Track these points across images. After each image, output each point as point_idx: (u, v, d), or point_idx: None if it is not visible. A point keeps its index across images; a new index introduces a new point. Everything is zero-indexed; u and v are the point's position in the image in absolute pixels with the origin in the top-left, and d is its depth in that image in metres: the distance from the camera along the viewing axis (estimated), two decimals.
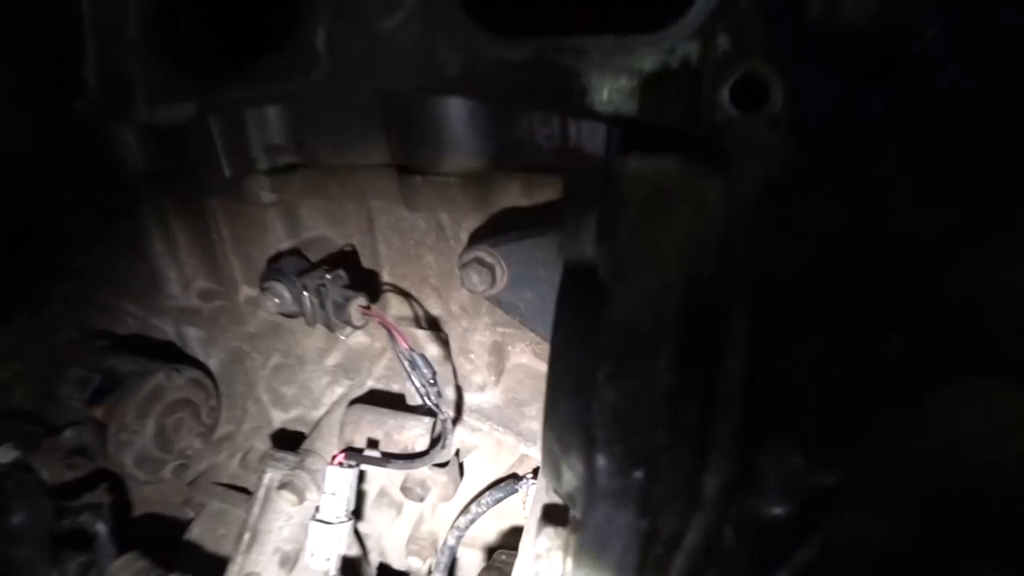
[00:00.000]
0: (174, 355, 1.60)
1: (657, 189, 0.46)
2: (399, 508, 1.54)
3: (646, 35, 0.74)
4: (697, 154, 0.53)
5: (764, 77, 0.70)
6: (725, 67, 0.71)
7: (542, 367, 1.42)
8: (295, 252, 1.30)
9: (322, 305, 1.19)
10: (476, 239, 1.08)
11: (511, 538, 1.43)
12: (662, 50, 0.73)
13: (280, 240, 1.36)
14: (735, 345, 0.41)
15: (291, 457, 1.40)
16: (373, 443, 1.36)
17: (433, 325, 1.37)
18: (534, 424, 1.35)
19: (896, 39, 0.65)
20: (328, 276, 1.18)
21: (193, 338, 1.63)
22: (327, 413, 1.51)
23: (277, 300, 1.21)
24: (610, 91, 0.75)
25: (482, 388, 1.39)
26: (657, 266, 0.43)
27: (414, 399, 1.45)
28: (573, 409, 0.50)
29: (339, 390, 1.56)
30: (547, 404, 0.53)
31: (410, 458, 1.29)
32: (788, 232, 0.48)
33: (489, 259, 1.03)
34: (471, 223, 1.17)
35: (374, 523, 1.52)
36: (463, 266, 1.03)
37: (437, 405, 1.16)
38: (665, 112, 0.75)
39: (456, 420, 1.35)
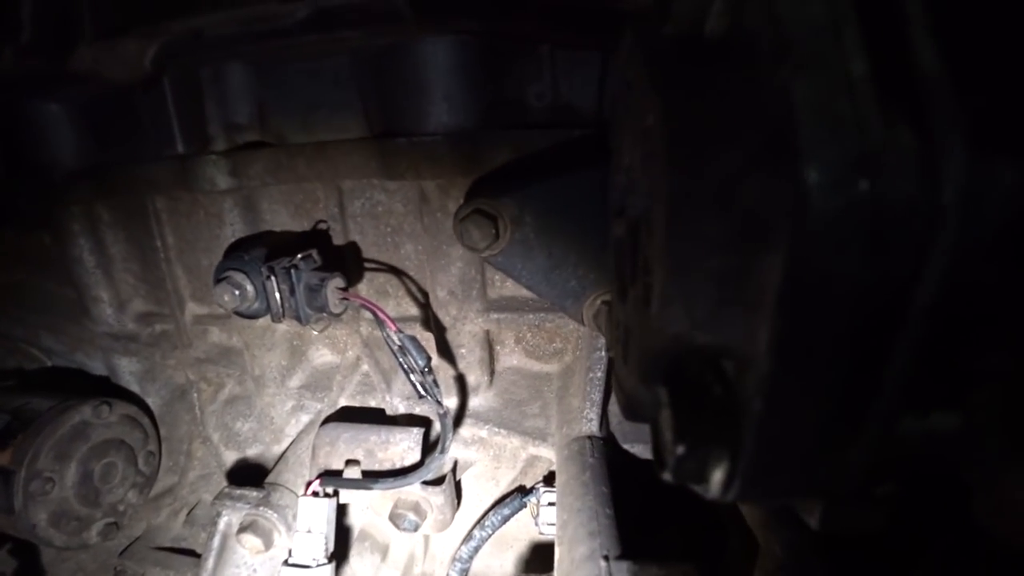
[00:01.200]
0: (104, 390, 1.36)
1: None
2: (384, 552, 1.31)
3: None
4: None
5: None
6: None
7: (535, 366, 1.29)
8: (258, 238, 1.14)
9: (292, 292, 1.03)
10: (472, 191, 0.98)
11: (533, 566, 1.23)
12: None
13: (237, 236, 1.19)
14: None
15: (253, 493, 1.17)
16: (353, 465, 1.15)
17: (422, 325, 1.22)
18: (539, 422, 1.20)
19: None
20: (299, 256, 1.03)
21: (127, 371, 1.39)
22: (295, 442, 1.29)
23: (237, 292, 1.04)
24: None
25: (475, 390, 1.23)
26: None
27: (396, 410, 1.27)
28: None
29: (305, 418, 1.35)
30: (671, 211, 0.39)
31: (400, 474, 1.10)
32: None
33: (491, 210, 0.92)
34: (459, 191, 1.06)
35: (355, 573, 1.27)
36: (462, 220, 0.92)
37: (435, 397, 1.00)
38: None
39: (457, 425, 1.17)
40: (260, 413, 1.35)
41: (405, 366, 1.00)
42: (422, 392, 1.00)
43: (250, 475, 1.35)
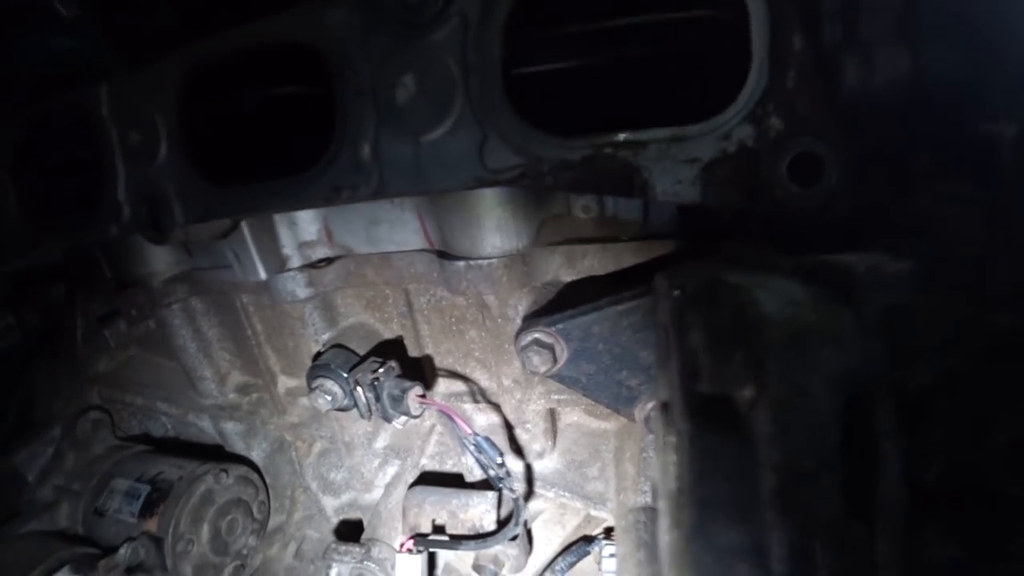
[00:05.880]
0: (215, 452, 1.57)
1: (798, 334, 0.46)
2: None
3: (700, 123, 0.73)
4: (823, 283, 0.53)
5: (819, 153, 0.71)
6: (780, 146, 0.72)
7: (593, 423, 1.40)
8: (337, 346, 1.28)
9: (377, 399, 1.17)
10: (530, 319, 1.07)
11: None
12: (718, 136, 0.73)
13: (318, 332, 1.33)
14: (888, 462, 0.43)
15: (356, 549, 1.37)
16: (439, 526, 1.33)
17: (483, 396, 1.35)
18: (599, 485, 1.33)
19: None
20: (380, 370, 1.16)
21: (233, 433, 1.60)
22: (384, 496, 1.48)
23: (329, 397, 1.19)
24: (672, 181, 0.75)
25: (541, 455, 1.37)
26: (813, 407, 0.44)
27: (472, 475, 1.43)
28: (735, 539, 0.49)
29: (391, 470, 1.53)
30: (694, 535, 0.52)
31: (481, 538, 1.27)
32: (920, 347, 0.47)
33: (548, 339, 1.01)
34: (517, 300, 1.15)
35: None
36: (523, 349, 1.02)
37: (510, 487, 1.14)
38: (726, 194, 0.75)
39: (529, 495, 1.33)
40: (351, 468, 1.54)
41: (483, 462, 1.14)
42: (498, 485, 1.14)
43: (348, 524, 1.57)
